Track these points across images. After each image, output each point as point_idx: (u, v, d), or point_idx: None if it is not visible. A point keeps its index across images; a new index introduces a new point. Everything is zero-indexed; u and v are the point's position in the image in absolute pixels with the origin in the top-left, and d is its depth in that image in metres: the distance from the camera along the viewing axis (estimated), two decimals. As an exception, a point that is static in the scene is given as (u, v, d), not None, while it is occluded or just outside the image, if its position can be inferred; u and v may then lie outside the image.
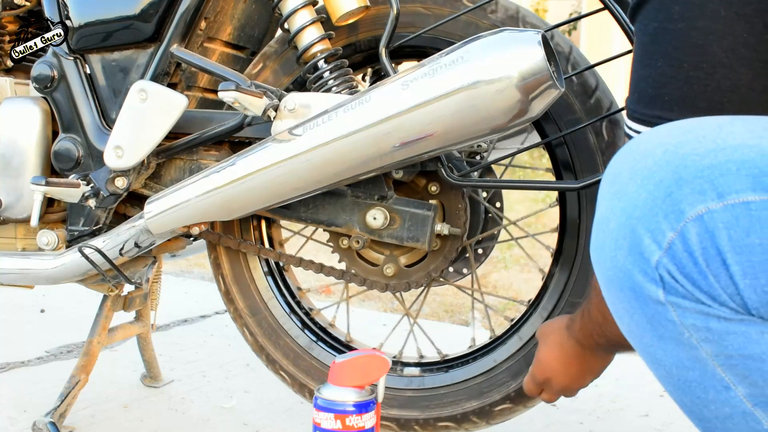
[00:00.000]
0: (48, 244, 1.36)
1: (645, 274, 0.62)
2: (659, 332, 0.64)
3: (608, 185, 0.67)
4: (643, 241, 0.61)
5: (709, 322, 0.61)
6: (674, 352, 0.63)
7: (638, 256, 0.62)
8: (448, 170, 1.16)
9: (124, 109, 1.24)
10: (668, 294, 0.61)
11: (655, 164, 0.63)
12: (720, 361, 0.62)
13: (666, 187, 0.61)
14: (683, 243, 0.60)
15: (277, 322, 1.37)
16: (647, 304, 0.63)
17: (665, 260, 0.61)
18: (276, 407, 1.57)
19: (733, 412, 0.63)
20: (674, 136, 0.64)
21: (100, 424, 1.48)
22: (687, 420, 1.53)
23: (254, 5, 1.38)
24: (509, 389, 1.22)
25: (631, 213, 0.63)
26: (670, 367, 0.65)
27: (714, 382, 0.62)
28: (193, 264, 3.05)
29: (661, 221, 0.61)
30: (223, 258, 1.39)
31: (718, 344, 0.61)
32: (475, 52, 0.98)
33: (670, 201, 0.61)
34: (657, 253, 0.61)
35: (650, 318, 0.63)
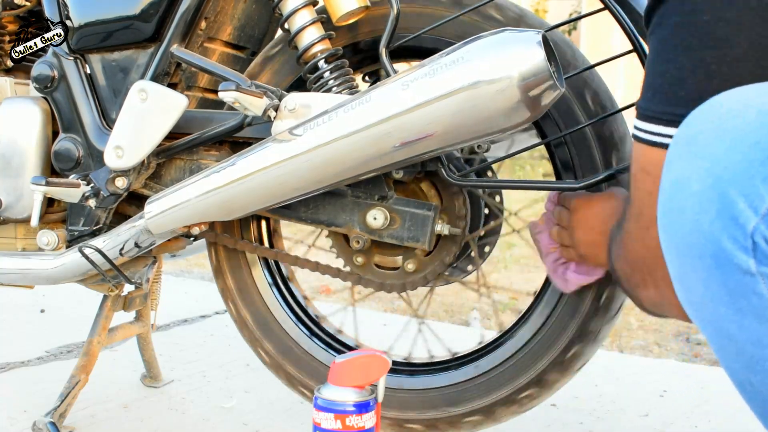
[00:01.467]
0: (48, 244, 1.36)
1: (735, 241, 0.57)
2: (739, 305, 0.59)
3: (685, 145, 0.62)
4: (737, 206, 0.57)
5: None
6: (753, 327, 0.59)
7: (729, 221, 0.57)
8: (449, 170, 1.16)
9: (124, 109, 1.24)
10: (761, 264, 0.57)
11: (748, 125, 0.58)
12: None
13: (763, 149, 0.57)
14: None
15: (303, 350, 1.37)
16: (731, 274, 0.59)
17: (763, 227, 0.56)
18: (276, 407, 1.57)
19: None
20: (764, 97, 0.60)
21: (100, 424, 1.48)
22: (687, 420, 1.54)
23: (254, 5, 1.38)
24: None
25: (720, 175, 0.58)
26: (743, 344, 0.61)
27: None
28: (193, 264, 3.06)
29: (758, 184, 0.56)
30: (236, 300, 1.39)
31: None
32: (475, 52, 0.98)
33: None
34: (753, 219, 0.57)
35: (731, 289, 0.59)
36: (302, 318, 1.40)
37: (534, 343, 1.21)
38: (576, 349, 1.18)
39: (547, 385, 1.21)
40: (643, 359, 1.99)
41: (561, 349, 1.18)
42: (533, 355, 1.21)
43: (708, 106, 0.63)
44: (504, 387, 1.23)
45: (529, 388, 1.21)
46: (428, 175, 1.23)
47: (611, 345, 2.15)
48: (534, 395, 1.22)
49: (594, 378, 1.70)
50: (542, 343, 1.20)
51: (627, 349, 2.12)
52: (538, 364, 1.20)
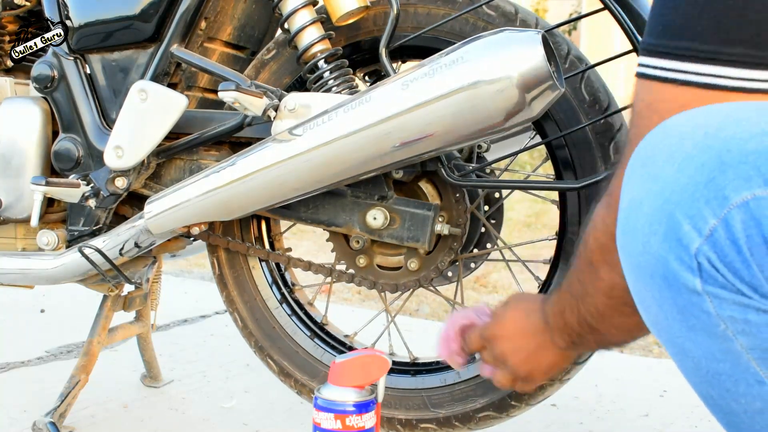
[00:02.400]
0: (48, 244, 1.36)
1: (681, 262, 0.59)
2: (690, 323, 0.61)
3: (640, 167, 0.64)
4: (682, 228, 0.58)
5: (747, 314, 0.58)
6: (705, 343, 0.61)
7: (675, 242, 0.59)
8: (449, 170, 1.16)
9: (124, 109, 1.24)
10: (706, 284, 0.58)
11: (695, 147, 0.59)
12: (756, 354, 0.59)
13: (708, 171, 0.58)
14: (726, 230, 0.57)
15: (311, 356, 1.37)
16: (680, 293, 0.60)
17: (705, 248, 0.58)
18: (276, 407, 1.57)
19: (764, 407, 0.61)
20: (713, 119, 0.61)
21: (100, 424, 1.48)
22: (687, 420, 1.53)
23: (254, 5, 1.38)
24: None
25: (668, 197, 0.60)
26: (699, 359, 0.62)
27: (747, 375, 0.60)
28: (193, 264, 3.05)
29: (702, 207, 0.58)
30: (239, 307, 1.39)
31: (755, 337, 0.59)
32: (475, 52, 0.98)
33: (713, 186, 0.57)
34: (697, 241, 0.58)
35: (682, 308, 0.61)
36: (307, 323, 1.40)
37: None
38: None
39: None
40: (643, 359, 1.99)
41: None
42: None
43: (661, 128, 0.64)
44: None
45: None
46: (428, 175, 1.23)
47: (611, 345, 2.15)
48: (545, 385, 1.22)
49: (594, 378, 1.70)
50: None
51: (627, 349, 2.12)
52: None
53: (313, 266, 1.30)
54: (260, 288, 1.39)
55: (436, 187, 1.24)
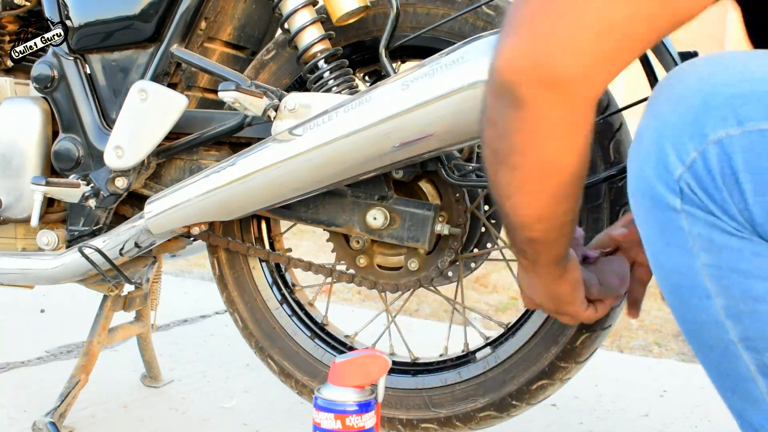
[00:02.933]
0: (48, 244, 1.36)
1: (666, 185, 0.69)
2: (667, 238, 0.70)
3: (649, 105, 0.73)
4: (669, 157, 0.68)
5: (712, 234, 0.68)
6: (675, 257, 0.71)
7: (663, 169, 0.69)
8: (449, 170, 1.16)
9: (124, 109, 1.24)
10: (685, 203, 0.68)
11: (688, 90, 0.69)
12: (710, 271, 0.69)
13: (695, 111, 0.67)
14: (704, 162, 0.66)
15: (312, 356, 1.37)
16: (662, 212, 0.70)
17: (686, 175, 0.67)
18: (276, 407, 1.57)
19: (708, 320, 0.70)
20: (709, 66, 0.70)
21: (100, 424, 1.48)
22: (687, 420, 1.54)
23: (254, 5, 1.38)
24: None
25: (662, 132, 0.69)
26: (668, 272, 0.72)
27: (699, 290, 0.70)
28: (193, 264, 3.06)
29: (686, 141, 0.67)
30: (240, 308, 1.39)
31: (714, 255, 0.68)
32: (475, 52, 0.98)
33: (696, 125, 0.67)
34: (680, 168, 0.68)
35: (662, 224, 0.70)
36: (308, 323, 1.40)
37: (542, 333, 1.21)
38: (584, 337, 1.18)
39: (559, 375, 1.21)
40: (643, 359, 1.99)
41: (570, 337, 1.18)
42: (543, 346, 1.20)
43: (671, 73, 0.73)
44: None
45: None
46: (428, 175, 1.23)
47: (611, 345, 2.16)
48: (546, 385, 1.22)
49: (594, 378, 1.70)
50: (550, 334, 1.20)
51: (627, 349, 2.13)
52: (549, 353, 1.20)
53: (313, 266, 1.30)
54: (261, 288, 1.39)
55: (436, 187, 1.24)
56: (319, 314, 1.43)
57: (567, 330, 1.18)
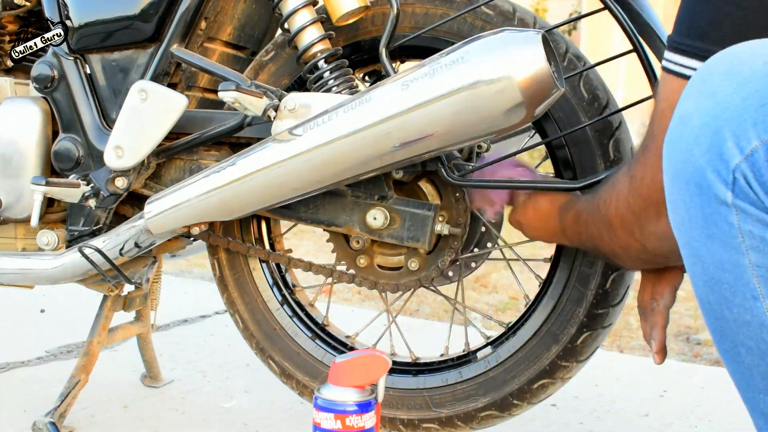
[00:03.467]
0: (48, 244, 1.36)
1: (718, 174, 0.64)
2: (711, 231, 0.66)
3: (698, 84, 0.68)
4: (726, 143, 0.63)
5: (766, 233, 0.64)
6: (719, 252, 0.66)
7: (717, 156, 0.64)
8: (449, 170, 1.16)
9: (124, 109, 1.24)
10: (737, 197, 0.64)
11: (753, 74, 0.64)
12: (760, 272, 0.65)
13: (761, 97, 0.63)
14: (766, 153, 0.62)
15: (313, 357, 1.37)
16: (709, 202, 0.65)
17: (744, 165, 0.63)
18: (276, 407, 1.57)
19: (752, 321, 0.66)
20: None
21: (100, 424, 1.48)
22: (687, 420, 1.53)
23: (254, 5, 1.38)
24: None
25: (718, 114, 0.64)
26: (708, 265, 0.68)
27: (745, 289, 0.66)
28: (193, 264, 3.06)
29: (749, 128, 0.62)
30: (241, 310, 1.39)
31: (765, 255, 0.64)
32: (475, 52, 0.98)
33: (763, 111, 0.62)
34: (738, 157, 0.63)
35: (707, 215, 0.66)
36: (308, 324, 1.40)
37: (543, 332, 1.21)
38: (585, 336, 1.18)
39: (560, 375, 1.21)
40: (643, 359, 1.99)
41: (571, 335, 1.18)
42: (543, 345, 1.20)
43: (725, 52, 0.68)
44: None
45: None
46: (428, 175, 1.23)
47: (611, 345, 2.16)
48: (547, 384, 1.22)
49: (594, 378, 1.70)
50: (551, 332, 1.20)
51: (627, 349, 2.12)
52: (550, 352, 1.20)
53: (313, 267, 1.30)
54: (261, 289, 1.39)
55: (436, 187, 1.24)
56: (320, 315, 1.43)
57: (568, 329, 1.18)
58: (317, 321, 1.41)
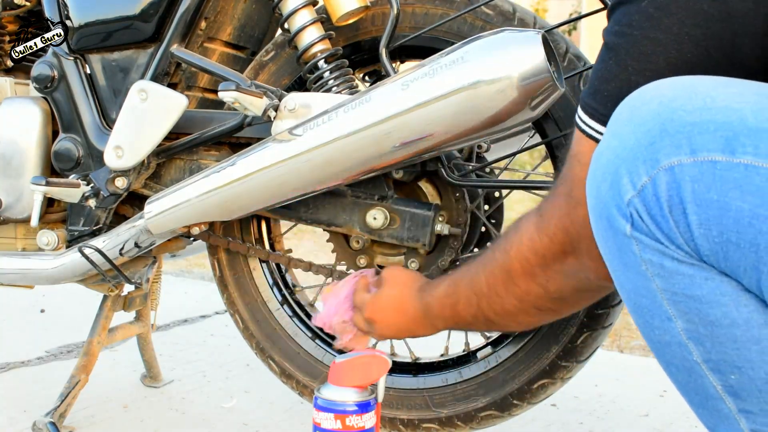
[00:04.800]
0: (48, 244, 1.36)
1: (618, 209, 0.69)
2: (624, 260, 0.71)
3: (611, 124, 0.73)
4: (622, 180, 0.68)
5: (663, 260, 0.67)
6: (634, 279, 0.71)
7: (616, 192, 0.69)
8: (449, 170, 1.15)
9: (124, 109, 1.24)
10: (634, 230, 0.68)
11: (649, 113, 0.68)
12: (667, 295, 0.69)
13: (651, 136, 0.67)
14: (653, 188, 0.66)
15: (313, 357, 1.37)
16: (617, 235, 0.70)
17: (636, 200, 0.67)
18: (276, 407, 1.57)
19: (671, 341, 0.70)
20: (672, 90, 0.69)
21: (100, 424, 1.48)
22: (687, 420, 1.53)
23: (254, 5, 1.38)
24: None
25: (619, 153, 0.69)
26: (629, 292, 0.72)
27: (660, 311, 0.70)
28: (193, 264, 3.06)
29: (639, 165, 0.67)
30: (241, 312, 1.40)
31: (667, 281, 0.68)
32: (475, 52, 0.98)
33: (651, 149, 0.66)
34: (630, 193, 0.67)
35: (619, 247, 0.71)
36: (309, 324, 1.40)
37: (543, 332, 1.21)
38: (585, 336, 1.18)
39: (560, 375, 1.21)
40: (643, 359, 1.99)
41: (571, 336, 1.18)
42: (544, 345, 1.20)
43: (637, 92, 0.72)
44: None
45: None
46: (428, 175, 1.23)
47: (611, 345, 2.15)
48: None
49: (594, 378, 1.70)
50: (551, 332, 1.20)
51: (627, 349, 2.12)
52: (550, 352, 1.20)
53: (313, 267, 1.30)
54: (261, 289, 1.39)
55: (435, 187, 1.24)
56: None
57: (568, 329, 1.18)
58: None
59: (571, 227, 0.83)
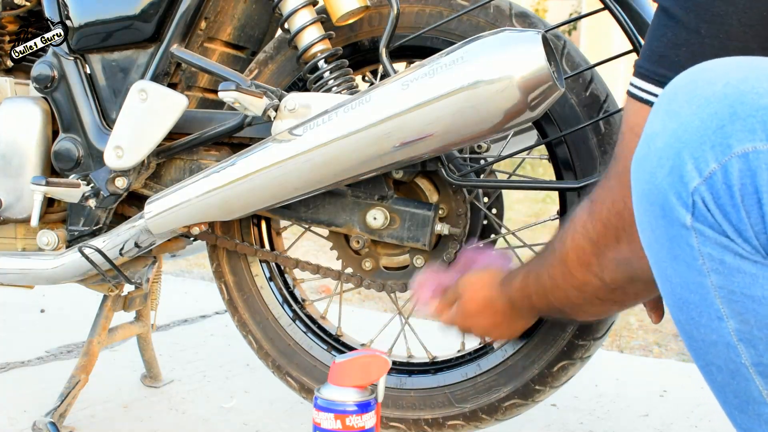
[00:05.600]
0: (48, 244, 1.36)
1: (679, 197, 0.64)
2: (675, 252, 0.66)
3: (665, 103, 0.68)
4: (686, 166, 0.63)
5: (725, 255, 0.63)
6: (684, 273, 0.67)
7: (677, 178, 0.64)
8: (449, 170, 1.16)
9: (124, 109, 1.24)
10: (696, 220, 0.64)
11: (714, 95, 0.64)
12: (722, 293, 0.65)
13: (719, 119, 0.62)
14: (724, 176, 0.61)
15: (319, 362, 1.37)
16: (672, 225, 0.65)
17: (702, 188, 0.63)
18: (276, 407, 1.57)
19: (718, 341, 0.67)
20: (739, 71, 0.65)
21: (100, 424, 1.48)
22: (687, 420, 1.53)
23: (254, 5, 1.38)
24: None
25: (680, 136, 0.64)
26: (675, 286, 0.68)
27: (710, 310, 0.66)
28: (193, 264, 3.06)
29: (707, 151, 0.62)
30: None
31: (726, 278, 0.64)
32: (475, 52, 0.98)
33: (721, 134, 0.62)
34: (696, 180, 0.63)
35: (671, 237, 0.66)
36: (322, 336, 1.40)
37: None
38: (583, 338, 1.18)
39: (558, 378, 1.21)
40: (643, 359, 1.99)
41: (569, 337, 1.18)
42: (558, 326, 1.20)
43: (691, 71, 0.68)
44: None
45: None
46: (428, 175, 1.23)
47: (611, 345, 2.16)
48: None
49: (594, 378, 1.70)
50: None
51: (627, 349, 2.12)
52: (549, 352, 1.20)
53: (321, 270, 1.30)
54: (271, 307, 1.38)
55: (432, 183, 1.24)
56: (332, 326, 1.42)
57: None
58: (330, 333, 1.40)
59: (625, 211, 0.79)
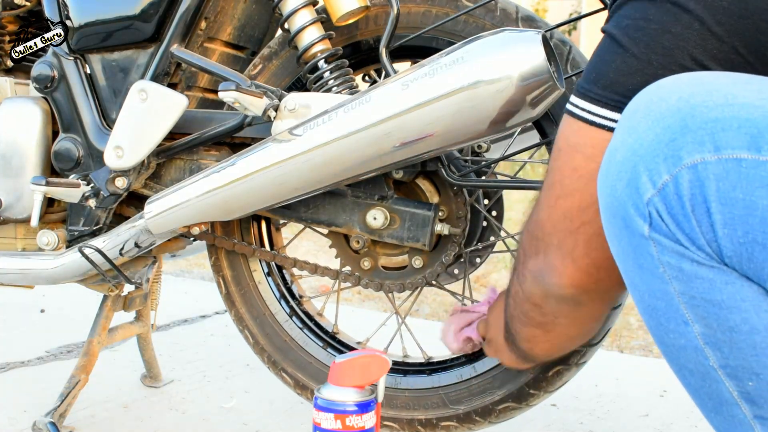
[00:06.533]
0: (48, 244, 1.36)
1: (636, 208, 0.66)
2: (639, 261, 0.69)
3: (626, 119, 0.70)
4: (641, 178, 0.66)
5: (682, 263, 0.66)
6: (649, 281, 0.69)
7: (634, 190, 0.66)
8: (449, 170, 1.15)
9: (124, 109, 1.24)
10: (653, 230, 0.66)
11: (668, 109, 0.66)
12: (684, 299, 0.67)
13: (671, 132, 0.65)
14: (675, 187, 0.64)
15: (325, 366, 1.36)
16: (633, 235, 0.68)
17: (656, 199, 0.65)
18: (276, 407, 1.57)
19: (686, 345, 0.69)
20: (691, 86, 0.67)
21: (100, 424, 1.48)
22: (687, 420, 1.54)
23: (254, 5, 1.38)
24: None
25: (636, 150, 0.67)
26: (643, 294, 0.71)
27: (676, 315, 0.68)
28: (193, 264, 3.06)
29: (660, 163, 0.65)
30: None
31: (686, 284, 0.66)
32: (475, 52, 0.98)
33: (672, 146, 0.64)
34: (650, 191, 0.65)
35: (634, 247, 0.68)
36: (319, 333, 1.40)
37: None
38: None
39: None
40: (643, 359, 1.99)
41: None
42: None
43: (650, 88, 0.70)
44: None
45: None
46: (428, 176, 1.23)
47: (611, 345, 2.16)
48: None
49: (594, 378, 1.70)
50: None
51: (627, 349, 2.13)
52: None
53: (319, 269, 1.30)
54: (268, 303, 1.38)
55: (433, 183, 1.24)
56: (329, 323, 1.42)
57: None
58: (327, 330, 1.40)
59: (547, 222, 0.83)
